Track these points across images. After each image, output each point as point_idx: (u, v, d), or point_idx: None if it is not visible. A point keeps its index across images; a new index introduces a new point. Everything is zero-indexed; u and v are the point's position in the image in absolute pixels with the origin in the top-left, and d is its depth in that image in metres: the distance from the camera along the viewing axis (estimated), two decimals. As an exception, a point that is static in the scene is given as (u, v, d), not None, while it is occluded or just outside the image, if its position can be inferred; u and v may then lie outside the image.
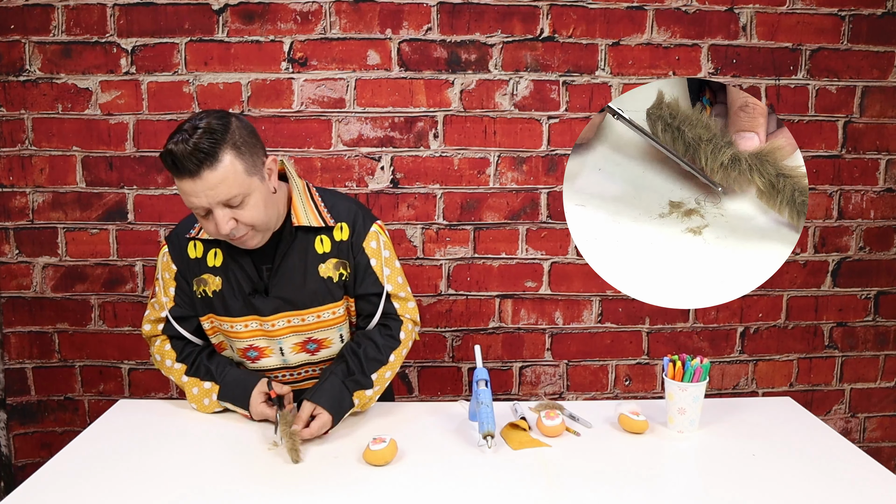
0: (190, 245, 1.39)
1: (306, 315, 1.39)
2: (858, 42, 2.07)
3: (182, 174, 1.19)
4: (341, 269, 1.40)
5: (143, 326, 1.46)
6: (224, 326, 1.40)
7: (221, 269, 1.38)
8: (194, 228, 1.39)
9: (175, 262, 1.40)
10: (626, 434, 1.32)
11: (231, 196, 1.21)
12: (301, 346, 1.42)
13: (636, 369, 2.20)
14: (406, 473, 1.16)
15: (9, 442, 2.14)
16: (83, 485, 1.12)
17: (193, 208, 1.24)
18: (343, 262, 1.40)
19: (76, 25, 1.96)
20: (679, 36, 2.04)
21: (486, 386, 1.30)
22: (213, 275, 1.38)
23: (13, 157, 2.02)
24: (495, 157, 2.07)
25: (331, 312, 1.41)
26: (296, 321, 1.39)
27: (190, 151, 1.17)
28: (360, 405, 1.37)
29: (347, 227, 1.40)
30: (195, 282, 1.39)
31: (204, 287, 1.39)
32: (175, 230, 1.43)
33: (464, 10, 2.00)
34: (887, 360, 2.25)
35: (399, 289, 1.45)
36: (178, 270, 1.40)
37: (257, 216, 1.26)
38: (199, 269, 1.39)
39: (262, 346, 1.42)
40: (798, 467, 1.18)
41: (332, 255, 1.39)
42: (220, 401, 1.38)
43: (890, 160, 2.14)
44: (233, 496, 1.09)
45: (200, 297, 1.40)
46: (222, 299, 1.38)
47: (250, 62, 1.99)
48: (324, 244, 1.39)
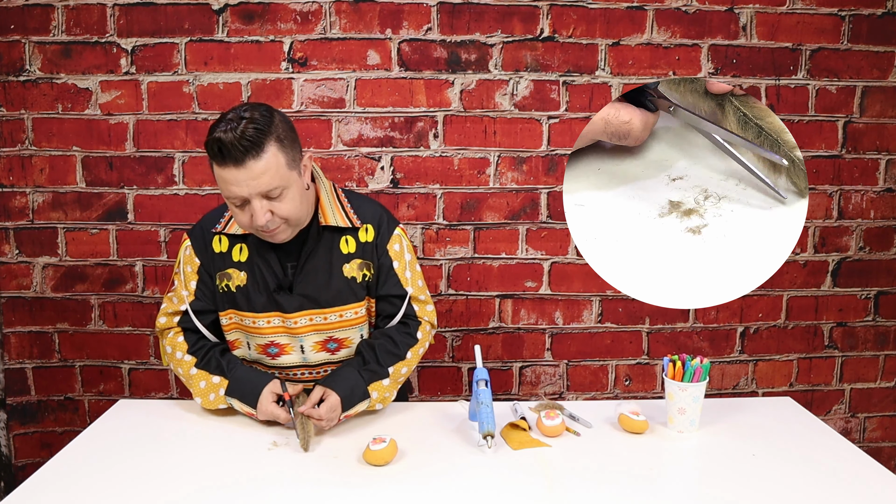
0: (215, 239, 1.41)
1: (329, 314, 1.41)
2: (858, 42, 2.07)
3: (227, 162, 1.21)
4: (365, 269, 1.43)
5: (158, 319, 1.47)
6: (245, 322, 1.42)
7: (247, 265, 1.39)
8: (220, 223, 1.41)
9: (198, 255, 1.42)
10: (626, 434, 1.31)
11: (271, 187, 1.24)
12: (322, 345, 1.44)
13: (636, 369, 2.20)
14: (406, 473, 1.16)
15: (9, 442, 2.14)
16: (83, 485, 1.12)
17: (231, 198, 1.26)
18: (367, 263, 1.43)
19: (76, 25, 1.96)
20: (679, 36, 2.04)
21: (486, 386, 1.30)
22: (239, 270, 1.40)
23: (13, 157, 2.02)
24: (495, 157, 2.07)
25: (353, 312, 1.43)
26: (318, 319, 1.41)
27: (237, 139, 1.19)
28: (380, 398, 1.37)
29: (373, 229, 1.43)
30: (219, 276, 1.41)
31: (227, 281, 1.40)
32: (199, 224, 1.45)
33: (464, 10, 2.00)
34: (887, 360, 2.25)
35: (419, 292, 1.48)
36: (202, 264, 1.42)
37: (293, 210, 1.29)
38: (223, 264, 1.41)
39: (283, 344, 1.43)
40: (798, 467, 1.18)
41: (356, 256, 1.42)
42: (227, 396, 1.36)
43: (890, 160, 2.14)
44: (233, 496, 1.09)
45: (223, 291, 1.41)
46: (246, 294, 1.39)
47: (250, 62, 1.99)
48: (349, 244, 1.41)
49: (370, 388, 1.35)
